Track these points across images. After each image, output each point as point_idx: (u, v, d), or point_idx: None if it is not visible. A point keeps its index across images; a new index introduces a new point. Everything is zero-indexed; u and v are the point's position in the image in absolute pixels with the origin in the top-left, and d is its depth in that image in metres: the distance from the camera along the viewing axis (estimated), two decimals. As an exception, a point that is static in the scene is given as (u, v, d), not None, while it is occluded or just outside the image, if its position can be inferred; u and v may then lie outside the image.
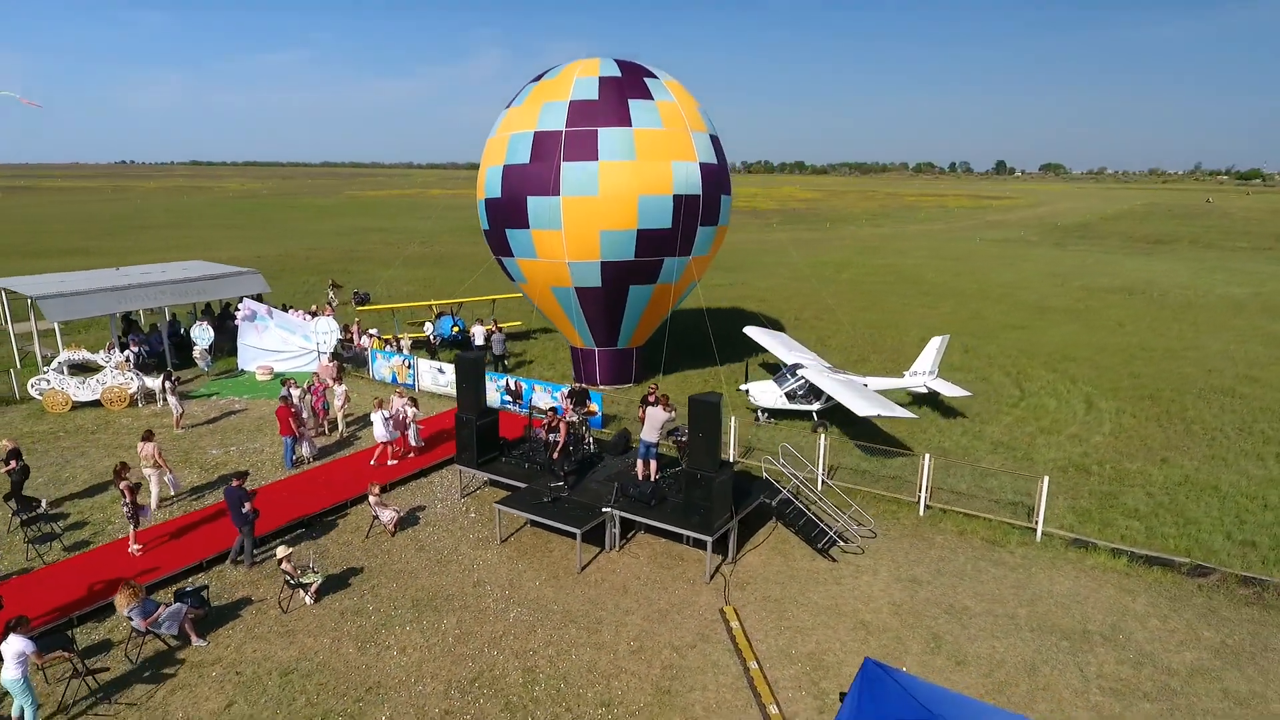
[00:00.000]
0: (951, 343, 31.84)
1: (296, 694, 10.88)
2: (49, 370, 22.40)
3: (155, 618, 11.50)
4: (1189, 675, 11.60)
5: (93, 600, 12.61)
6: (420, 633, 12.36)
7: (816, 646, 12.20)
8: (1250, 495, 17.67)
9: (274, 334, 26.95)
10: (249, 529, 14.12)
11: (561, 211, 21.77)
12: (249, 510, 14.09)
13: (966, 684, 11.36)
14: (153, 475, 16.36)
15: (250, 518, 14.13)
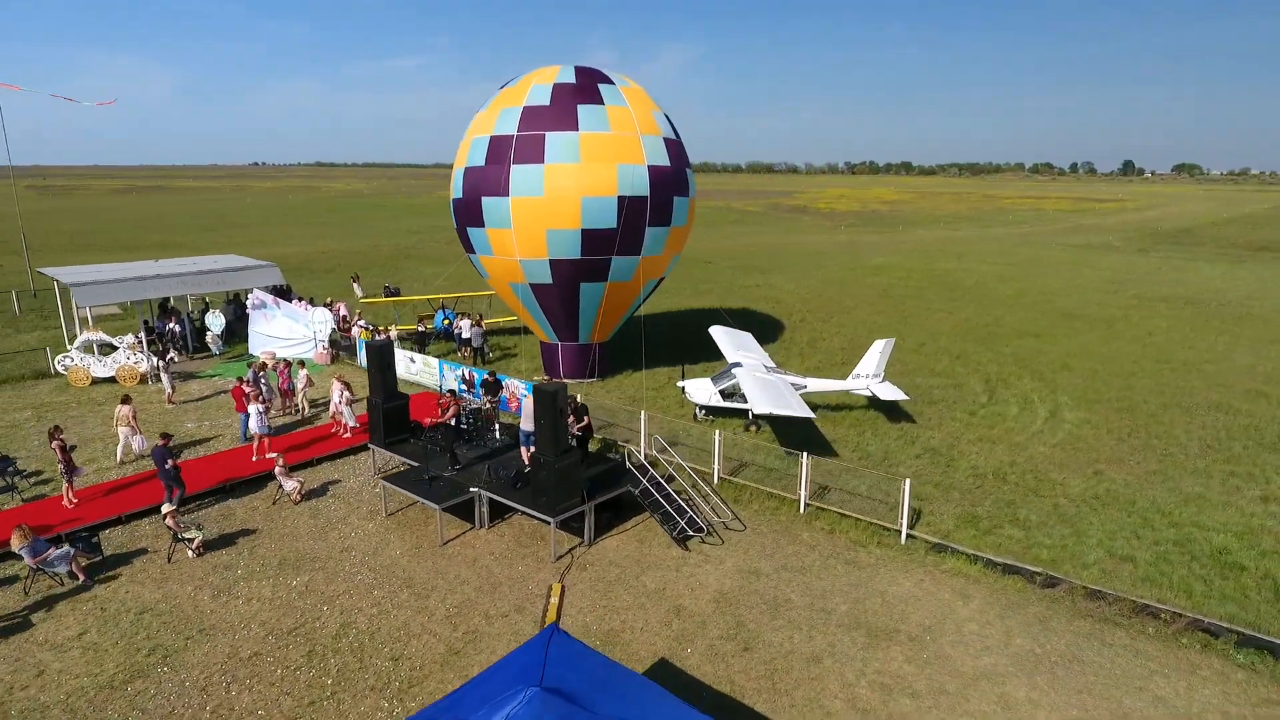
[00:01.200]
0: (943, 348, 31.25)
1: (141, 629, 12.49)
2: (72, 349, 25.39)
3: (45, 557, 13.38)
4: (973, 678, 11.61)
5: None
6: (270, 587, 13.79)
7: (619, 625, 12.87)
8: (1165, 512, 16.93)
9: (281, 322, 29.39)
10: (170, 483, 16.03)
11: (511, 211, 22.98)
12: (171, 466, 16.02)
13: (741, 667, 11.79)
14: (123, 434, 18.69)
15: (172, 473, 16.05)
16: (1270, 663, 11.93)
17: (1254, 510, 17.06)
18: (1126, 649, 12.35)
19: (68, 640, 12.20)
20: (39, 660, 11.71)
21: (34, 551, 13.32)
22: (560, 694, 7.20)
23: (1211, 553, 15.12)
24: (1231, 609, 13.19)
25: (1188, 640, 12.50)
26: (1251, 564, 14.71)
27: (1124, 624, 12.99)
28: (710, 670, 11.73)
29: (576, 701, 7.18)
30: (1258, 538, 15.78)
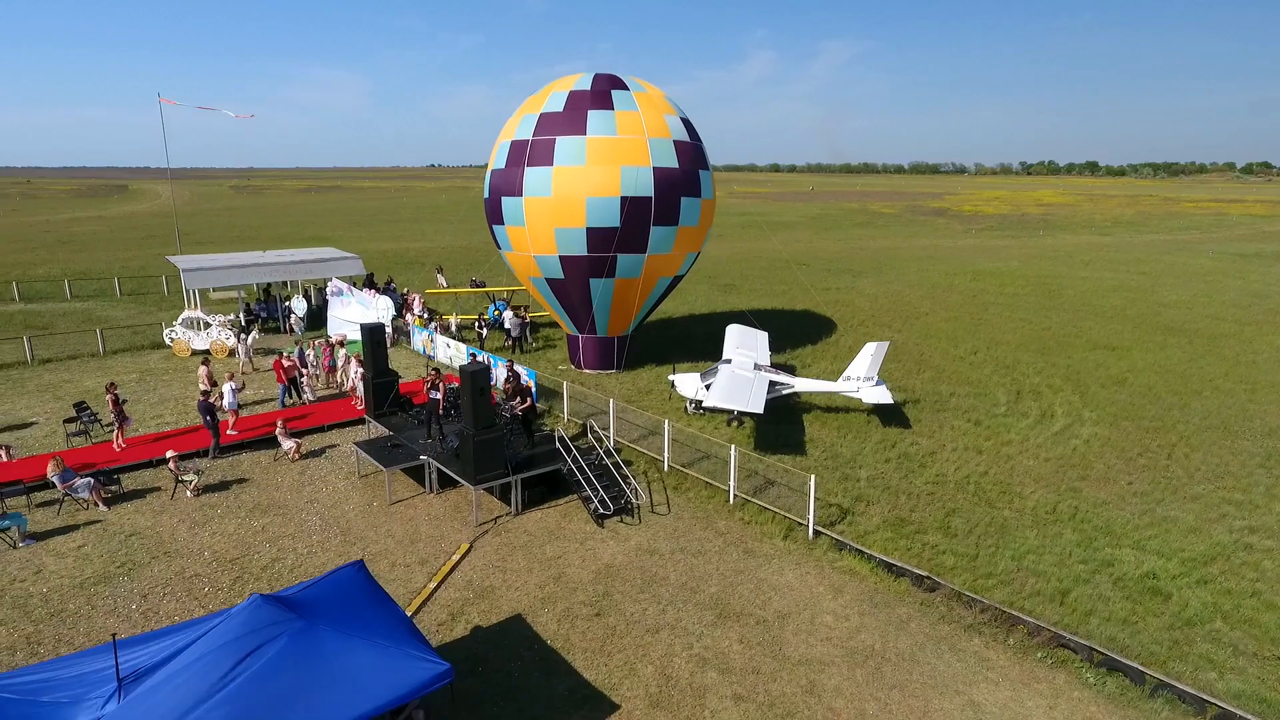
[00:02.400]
0: (995, 356, 29.96)
1: (122, 547, 15.30)
2: (176, 325, 29.94)
3: (71, 484, 16.58)
4: (793, 663, 12.01)
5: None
6: (235, 525, 16.30)
7: (498, 583, 14.23)
8: (1114, 534, 16.06)
9: (353, 307, 32.88)
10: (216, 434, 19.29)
11: (524, 210, 24.80)
12: (209, 420, 19.22)
13: (583, 630, 12.82)
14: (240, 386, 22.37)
15: (212, 424, 19.26)
16: (1119, 684, 11.45)
17: (1225, 540, 15.79)
18: (973, 655, 12.22)
19: (68, 550, 15.20)
20: (41, 562, 14.73)
21: (62, 479, 16.54)
22: (282, 602, 8.74)
23: (1138, 577, 14.32)
24: (1114, 630, 12.63)
25: (1043, 654, 12.17)
26: (1176, 593, 13.85)
27: (985, 632, 12.79)
28: (554, 629, 12.85)
29: (293, 609, 8.69)
30: (1206, 568, 14.71)
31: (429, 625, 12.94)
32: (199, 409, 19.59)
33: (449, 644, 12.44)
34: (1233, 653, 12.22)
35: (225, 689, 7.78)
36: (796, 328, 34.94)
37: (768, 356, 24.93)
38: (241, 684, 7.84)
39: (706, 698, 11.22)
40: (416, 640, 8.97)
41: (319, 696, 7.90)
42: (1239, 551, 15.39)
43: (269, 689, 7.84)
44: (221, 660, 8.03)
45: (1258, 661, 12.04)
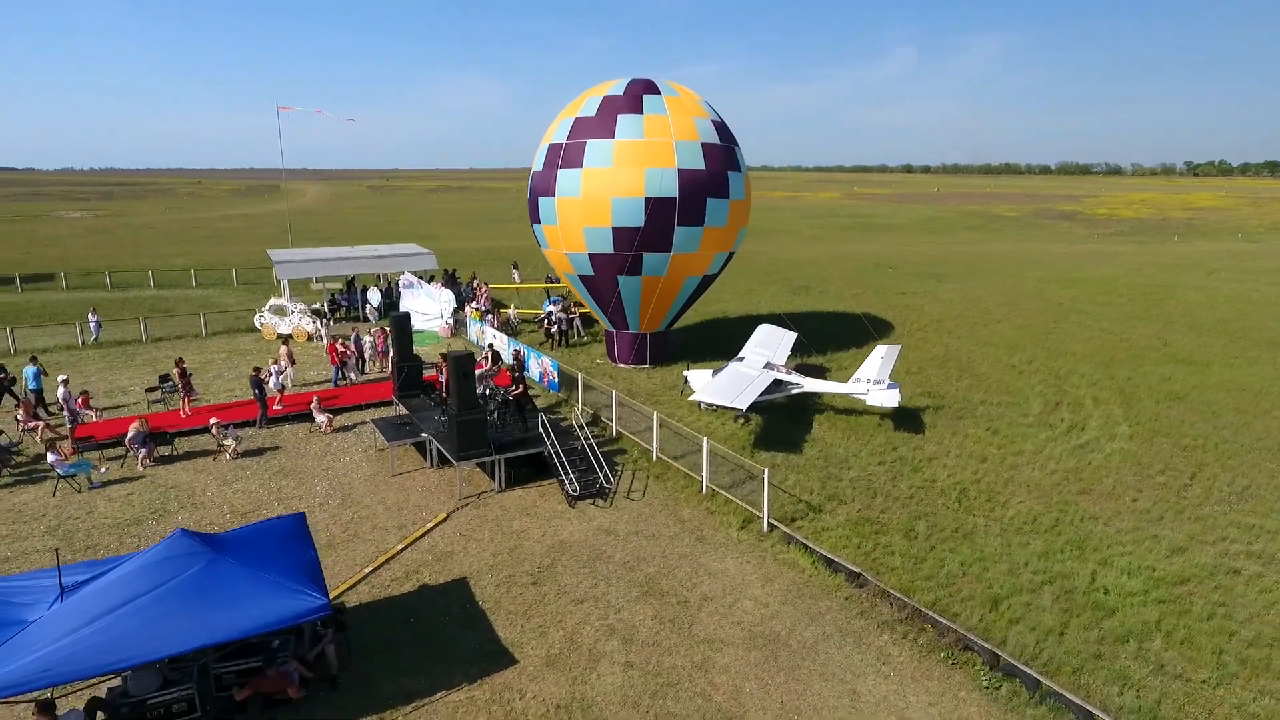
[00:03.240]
0: (1050, 366, 28.78)
1: (160, 498, 17.76)
2: (265, 310, 33.40)
3: (130, 441, 19.31)
4: (696, 641, 12.63)
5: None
6: (258, 486, 18.50)
7: (457, 549, 15.57)
8: (1085, 548, 15.54)
9: (422, 299, 35.48)
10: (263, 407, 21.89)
11: (557, 210, 26.19)
12: (258, 393, 21.81)
13: (515, 595, 13.93)
14: (284, 366, 25.20)
15: (261, 397, 21.85)
16: (1012, 689, 11.37)
17: (1208, 562, 14.96)
18: (875, 650, 12.41)
19: (118, 496, 17.82)
20: (95, 504, 17.39)
21: (133, 438, 19.29)
22: (201, 538, 10.36)
23: (1085, 591, 13.92)
24: (1033, 639, 12.46)
25: (946, 655, 12.19)
26: (1122, 609, 13.39)
27: (897, 630, 12.90)
28: (490, 593, 14.02)
29: (210, 544, 10.29)
30: (1174, 588, 14.07)
31: (384, 579, 14.44)
32: (250, 384, 22.17)
33: (395, 596, 13.89)
34: (1154, 671, 11.79)
35: (136, 600, 9.45)
36: (850, 331, 34.57)
37: (785, 357, 25.13)
38: (150, 598, 9.49)
39: (600, 663, 12.06)
40: (308, 580, 10.35)
41: (210, 614, 9.44)
42: (1220, 575, 14.55)
43: (170, 604, 9.45)
44: (141, 578, 9.71)
45: (1180, 683, 11.57)
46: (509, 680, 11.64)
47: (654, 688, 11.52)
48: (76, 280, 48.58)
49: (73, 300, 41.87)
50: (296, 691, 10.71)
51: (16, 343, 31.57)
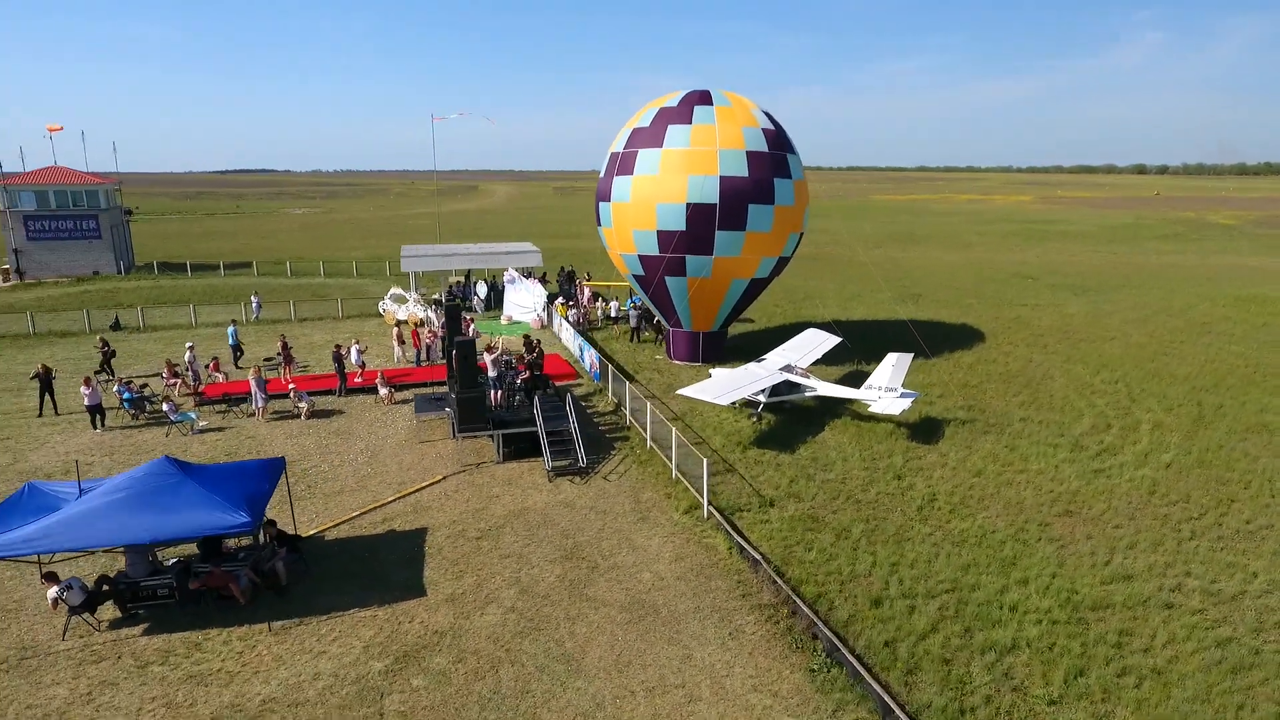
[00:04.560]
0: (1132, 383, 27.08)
1: (236, 444, 21.90)
2: (386, 299, 38.29)
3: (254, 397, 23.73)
4: (580, 599, 14.23)
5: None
6: (312, 441, 22.19)
7: (432, 504, 18.11)
8: (1017, 565, 15.29)
9: (522, 293, 38.97)
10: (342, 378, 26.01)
11: (612, 214, 28.26)
12: (338, 367, 25.93)
13: (458, 546, 16.19)
14: (365, 346, 29.65)
15: (342, 370, 25.94)
16: (837, 677, 11.96)
17: (1143, 591, 14.32)
18: (734, 626, 13.38)
19: (210, 441, 22.20)
20: (191, 445, 21.81)
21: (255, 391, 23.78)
22: (178, 464, 13.54)
23: (981, 603, 13.93)
24: (888, 635, 12.88)
25: (794, 639, 12.92)
26: (1007, 622, 13.35)
27: (766, 613, 13.72)
28: (438, 543, 16.38)
29: (184, 470, 13.44)
30: (1081, 612, 13.71)
31: (364, 522, 17.27)
32: (332, 359, 26.24)
33: (364, 536, 16.64)
34: (996, 681, 11.87)
35: (116, 498, 12.76)
36: (935, 340, 33.70)
37: (810, 361, 25.53)
38: (125, 498, 12.75)
39: (489, 606, 14.03)
40: (245, 506, 13.10)
41: (154, 517, 12.53)
42: (1149, 606, 13.88)
43: (132, 507, 12.65)
44: (123, 488, 13.03)
45: (1015, 695, 11.61)
46: (410, 608, 13.93)
47: (521, 629, 13.33)
48: (266, 268, 57.42)
49: (256, 284, 49.82)
50: (239, 592, 13.65)
51: (198, 316, 38.64)
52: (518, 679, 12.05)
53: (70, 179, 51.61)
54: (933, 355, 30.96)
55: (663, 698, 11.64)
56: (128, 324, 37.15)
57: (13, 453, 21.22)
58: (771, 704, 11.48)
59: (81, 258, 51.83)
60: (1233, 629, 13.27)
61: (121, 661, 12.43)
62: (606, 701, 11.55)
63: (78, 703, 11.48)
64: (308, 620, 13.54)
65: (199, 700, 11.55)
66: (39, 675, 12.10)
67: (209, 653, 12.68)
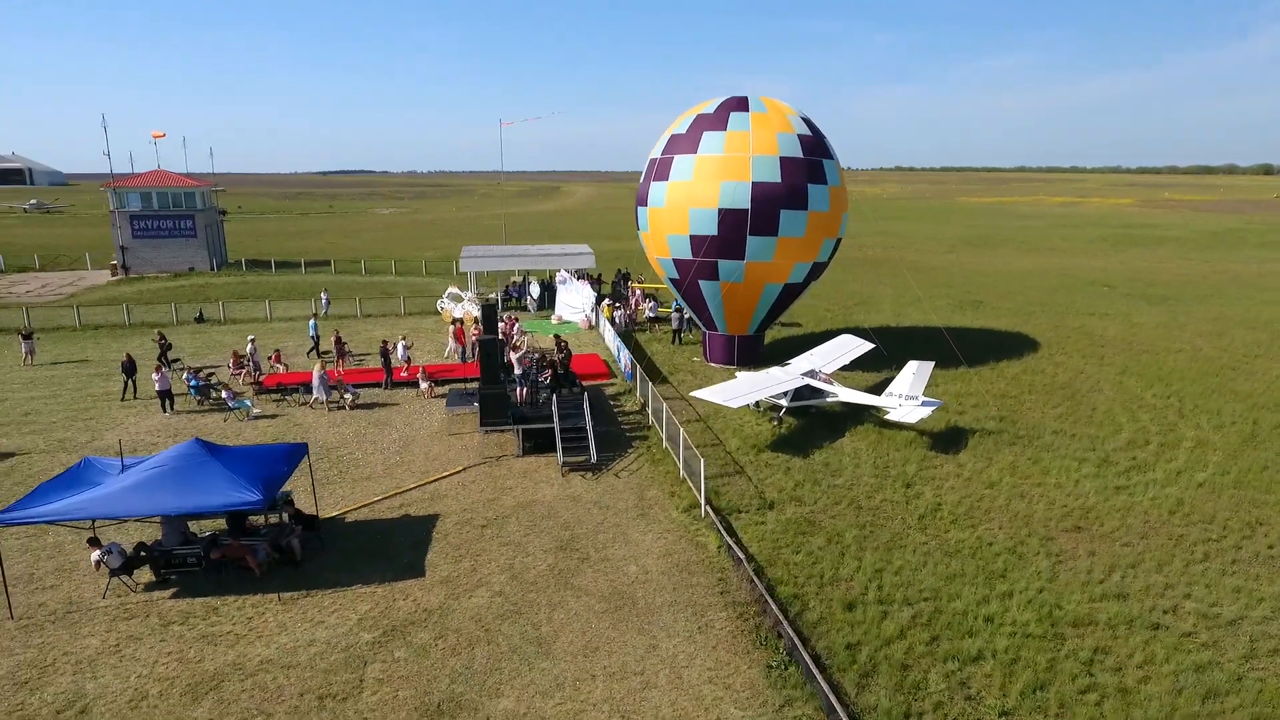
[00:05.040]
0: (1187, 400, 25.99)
1: (285, 430, 23.60)
2: (444, 297, 40.06)
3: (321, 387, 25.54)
4: (563, 587, 14.96)
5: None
6: (352, 429, 23.70)
7: (447, 493, 19.17)
8: (1006, 578, 15.17)
9: (573, 294, 40.08)
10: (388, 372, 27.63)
11: (649, 218, 28.92)
12: (384, 361, 27.59)
13: (464, 533, 17.17)
14: (451, 344, 31.42)
15: (389, 364, 27.59)
16: (791, 675, 12.28)
17: (1136, 614, 14.05)
18: (703, 621, 13.84)
19: (262, 426, 24.01)
20: (244, 430, 23.66)
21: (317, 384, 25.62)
22: (206, 445, 14.97)
23: (959, 612, 13.95)
24: (855, 638, 13.11)
25: (759, 636, 13.28)
26: (979, 633, 13.36)
27: (739, 610, 14.11)
28: (446, 529, 17.39)
29: (210, 451, 14.86)
30: (1060, 628, 13.56)
31: (383, 506, 18.48)
32: (379, 354, 27.87)
33: (381, 519, 17.84)
34: (953, 688, 11.95)
35: (149, 474, 14.26)
36: (986, 349, 33.00)
37: (836, 366, 25.53)
38: (157, 474, 14.23)
39: (479, 589, 14.93)
40: (260, 486, 14.36)
41: (183, 491, 13.94)
42: (1134, 626, 13.59)
43: (165, 481, 14.12)
44: (156, 465, 14.54)
45: (968, 703, 11.67)
46: (407, 587, 14.97)
47: (504, 612, 14.16)
48: (343, 266, 60.60)
49: (331, 280, 52.73)
50: (255, 564, 14.99)
51: (273, 311, 41.38)
52: (490, 657, 12.87)
53: (171, 182, 55.91)
54: (975, 364, 30.33)
55: (620, 683, 12.24)
56: (210, 317, 40.14)
57: (92, 431, 23.55)
58: (723, 695, 11.92)
59: (179, 254, 56.04)
60: (1219, 654, 12.88)
61: (148, 620, 13.90)
62: (567, 683, 12.24)
63: (106, 653, 12.96)
64: (314, 593, 14.74)
65: (206, 657, 12.85)
66: (79, 627, 13.68)
67: (223, 616, 14.02)
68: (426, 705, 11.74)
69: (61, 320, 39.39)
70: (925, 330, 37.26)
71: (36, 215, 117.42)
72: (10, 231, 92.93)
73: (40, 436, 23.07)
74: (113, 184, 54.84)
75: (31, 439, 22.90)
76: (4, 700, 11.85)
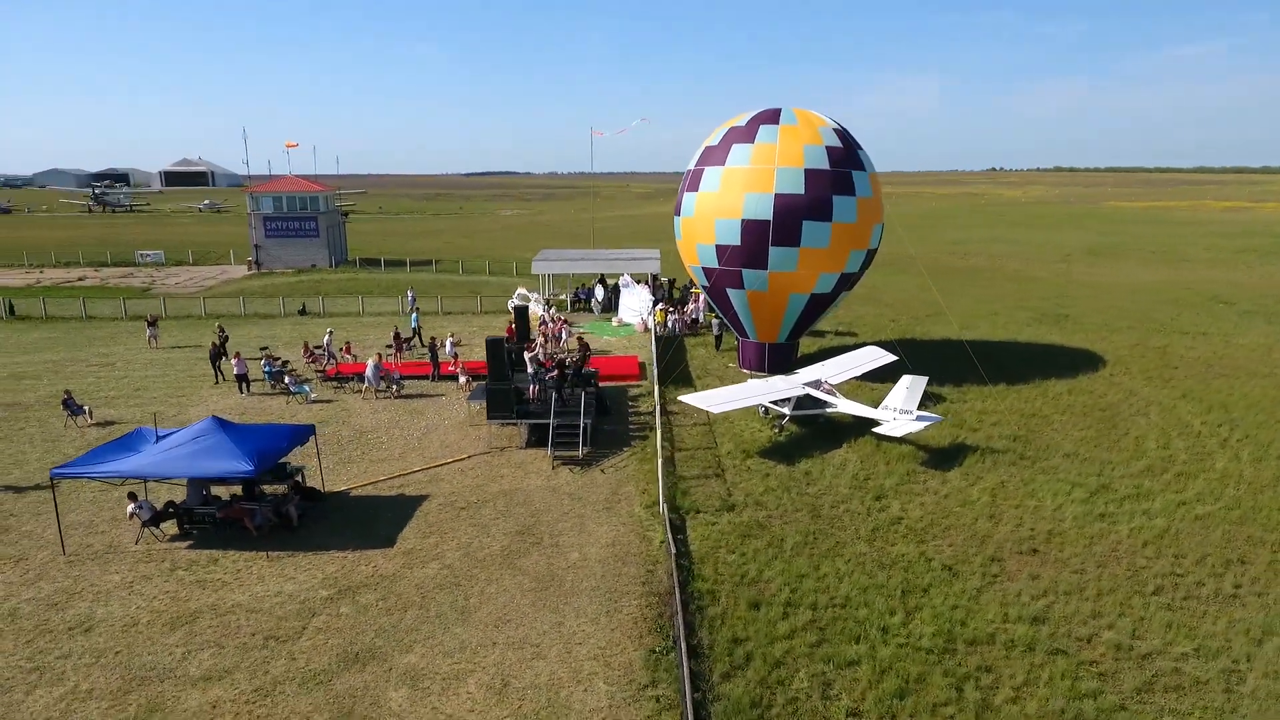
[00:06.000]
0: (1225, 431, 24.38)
1: (331, 413, 26.55)
2: (514, 298, 42.70)
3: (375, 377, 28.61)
4: (501, 566, 16.52)
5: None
6: (388, 416, 26.31)
7: (446, 478, 21.20)
8: (927, 594, 15.33)
9: (634, 298, 41.66)
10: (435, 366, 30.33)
11: (681, 227, 30.03)
12: (430, 356, 30.32)
13: (444, 514, 19.11)
14: (460, 338, 34.16)
15: (435, 359, 30.31)
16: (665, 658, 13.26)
17: (1043, 640, 13.95)
18: (611, 605, 14.98)
19: (314, 408, 27.09)
20: (299, 412, 26.81)
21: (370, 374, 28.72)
22: (220, 423, 17.64)
23: (863, 621, 14.36)
24: (741, 633, 13.87)
25: (654, 624, 14.29)
26: (866, 642, 13.75)
27: (652, 599, 15.15)
28: (429, 508, 19.37)
29: (223, 428, 17.51)
30: (952, 643, 13.74)
31: (385, 485, 20.75)
32: (428, 349, 30.54)
33: (379, 495, 20.10)
34: (808, 688, 12.53)
35: (172, 444, 17.07)
36: (1039, 365, 31.84)
37: (846, 377, 25.66)
38: (177, 445, 17.03)
39: (432, 562, 16.74)
40: (256, 459, 16.84)
41: (192, 459, 16.63)
42: (1033, 652, 13.51)
43: (181, 450, 16.87)
44: (180, 437, 17.36)
45: (819, 703, 12.23)
46: (372, 555, 17.02)
47: (443, 583, 15.90)
48: (446, 266, 65.05)
49: (430, 279, 56.89)
50: (252, 525, 17.52)
51: (365, 306, 45.53)
52: (416, 620, 14.63)
53: (298, 187, 62.24)
54: (1021, 381, 29.38)
55: (515, 651, 13.65)
56: (312, 310, 44.73)
57: (179, 406, 27.47)
58: (598, 671, 13.09)
59: (303, 252, 62.25)
60: (1113, 684, 12.69)
61: (162, 564, 16.68)
62: (469, 647, 13.79)
63: (121, 587, 15.77)
64: (297, 554, 17.07)
65: (193, 598, 15.37)
66: (109, 565, 16.63)
67: (220, 567, 16.58)
68: (347, 653, 13.63)
69: (191, 310, 45.18)
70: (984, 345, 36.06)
71: (208, 214, 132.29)
72: (184, 229, 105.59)
73: (140, 408, 27.17)
74: (251, 188, 61.67)
75: (132, 410, 27.03)
76: (35, 615, 14.79)
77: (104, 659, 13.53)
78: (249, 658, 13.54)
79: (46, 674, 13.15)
